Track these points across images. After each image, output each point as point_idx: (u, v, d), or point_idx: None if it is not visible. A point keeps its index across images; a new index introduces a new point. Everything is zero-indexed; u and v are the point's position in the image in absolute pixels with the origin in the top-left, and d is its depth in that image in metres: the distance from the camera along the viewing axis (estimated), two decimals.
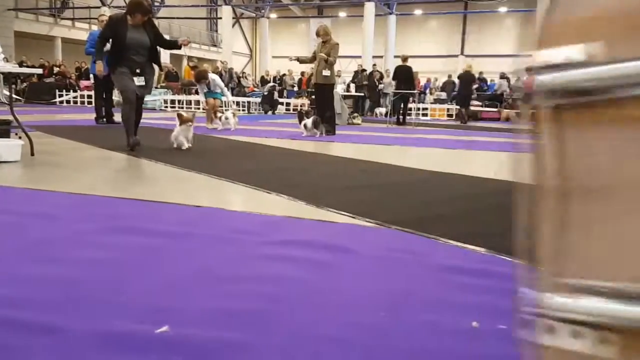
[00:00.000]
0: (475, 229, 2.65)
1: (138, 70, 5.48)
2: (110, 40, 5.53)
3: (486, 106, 16.84)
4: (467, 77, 14.38)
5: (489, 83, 20.12)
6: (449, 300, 1.73)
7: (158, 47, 5.80)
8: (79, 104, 18.85)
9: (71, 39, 25.94)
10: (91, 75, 11.74)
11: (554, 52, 0.64)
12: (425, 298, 1.75)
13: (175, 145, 5.73)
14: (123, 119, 5.54)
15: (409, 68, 12.93)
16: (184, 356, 1.30)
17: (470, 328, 1.51)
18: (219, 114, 9.68)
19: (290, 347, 1.37)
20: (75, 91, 19.55)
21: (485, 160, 6.23)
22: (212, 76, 9.99)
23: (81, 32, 24.83)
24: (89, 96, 16.89)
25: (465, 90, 14.62)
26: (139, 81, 5.48)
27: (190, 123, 5.69)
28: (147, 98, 18.10)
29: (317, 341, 1.41)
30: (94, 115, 9.86)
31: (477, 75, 16.69)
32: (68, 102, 18.95)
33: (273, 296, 1.70)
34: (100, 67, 5.72)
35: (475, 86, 15.59)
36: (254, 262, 2.06)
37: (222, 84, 10.11)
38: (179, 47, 6.05)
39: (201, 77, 9.84)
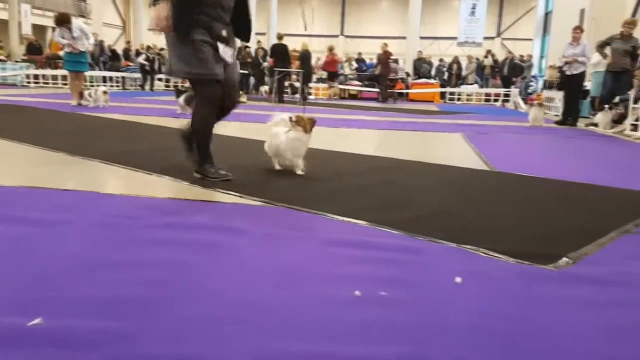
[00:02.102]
0: (359, 204, 2.76)
1: (224, 33, 3.04)
2: None
3: (365, 86, 17.45)
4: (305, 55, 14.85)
5: (367, 63, 20.83)
6: (333, 272, 1.80)
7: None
8: None
9: None
10: None
11: None
12: (311, 272, 1.80)
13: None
14: (197, 130, 3.19)
15: (285, 46, 13.15)
16: (59, 348, 1.22)
17: (354, 297, 1.59)
18: (86, 91, 8.92)
19: (176, 331, 1.34)
20: None
21: (364, 138, 6.48)
22: (78, 23, 8.99)
23: None
24: None
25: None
26: (225, 52, 3.06)
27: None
28: (6, 73, 16.42)
29: (205, 323, 1.39)
30: None
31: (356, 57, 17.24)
32: None
33: (155, 281, 1.64)
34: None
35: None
36: (134, 248, 1.97)
37: (88, 32, 9.11)
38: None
39: (63, 20, 8.66)
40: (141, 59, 16.99)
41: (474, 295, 1.64)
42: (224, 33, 3.04)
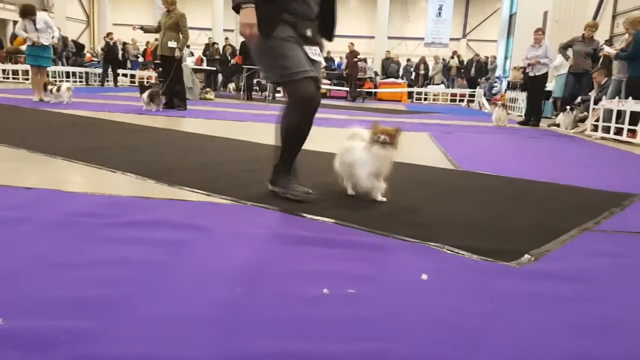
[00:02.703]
0: (325, 203, 2.76)
1: (309, 33, 2.77)
2: None
3: (334, 85, 17.49)
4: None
5: (336, 63, 20.88)
6: (300, 269, 1.79)
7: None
8: None
9: None
10: None
11: None
12: (279, 270, 1.79)
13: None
14: (288, 135, 2.79)
15: None
16: (19, 349, 1.19)
17: (322, 294, 1.59)
18: (49, 86, 8.69)
19: (140, 331, 1.31)
20: None
21: (332, 136, 6.49)
22: (43, 15, 8.76)
23: None
24: None
25: None
26: (313, 53, 2.78)
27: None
28: None
29: (169, 322, 1.37)
30: None
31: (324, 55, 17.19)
32: None
33: (118, 280, 1.61)
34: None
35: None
36: (95, 246, 1.92)
37: (53, 26, 8.90)
38: None
39: (28, 12, 8.42)
40: (99, 47, 16.52)
41: (439, 292, 1.66)
42: (309, 33, 2.75)
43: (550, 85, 11.27)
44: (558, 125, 9.01)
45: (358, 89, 16.60)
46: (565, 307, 1.60)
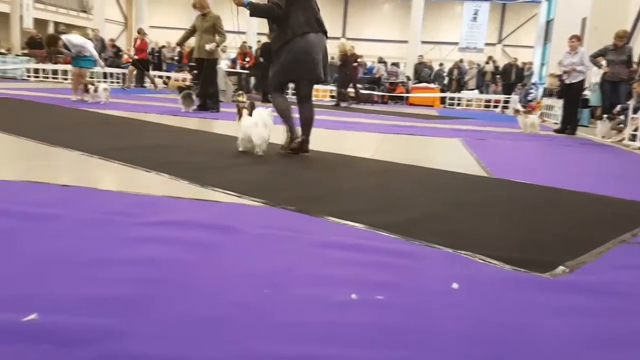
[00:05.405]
0: (355, 207, 2.75)
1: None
2: None
3: (366, 89, 17.43)
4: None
5: (368, 66, 20.82)
6: (328, 274, 1.78)
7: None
8: None
9: None
10: None
11: None
12: (307, 273, 1.79)
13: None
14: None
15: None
16: (53, 344, 1.21)
17: (349, 300, 1.58)
18: (89, 86, 8.93)
19: (167, 331, 1.33)
20: None
21: (363, 141, 6.47)
22: (70, 37, 8.99)
23: None
24: None
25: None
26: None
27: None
28: (6, 67, 16.39)
29: (196, 323, 1.38)
30: None
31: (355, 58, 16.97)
32: None
33: (149, 280, 1.63)
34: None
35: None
36: (126, 245, 1.95)
37: (87, 44, 9.16)
38: None
39: (50, 43, 8.81)
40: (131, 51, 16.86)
41: (469, 302, 1.63)
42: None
43: (588, 93, 10.99)
44: (603, 137, 8.74)
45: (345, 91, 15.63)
46: (598, 321, 1.55)
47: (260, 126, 4.15)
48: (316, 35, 4.24)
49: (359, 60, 16.04)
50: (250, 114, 4.26)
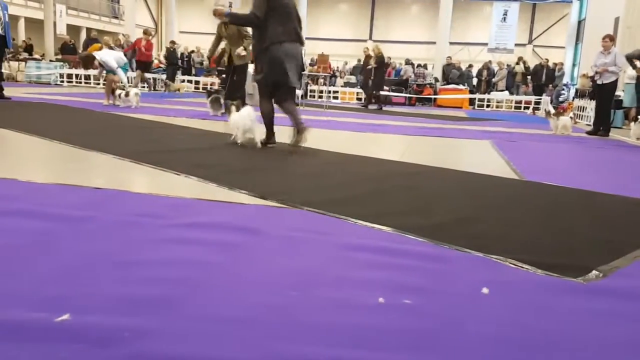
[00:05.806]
0: (382, 209, 2.74)
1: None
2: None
3: (393, 91, 17.36)
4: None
5: (396, 68, 20.71)
6: (355, 277, 1.78)
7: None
8: None
9: None
10: None
11: None
12: (334, 276, 1.78)
13: None
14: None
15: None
16: (85, 344, 1.24)
17: (377, 303, 1.57)
18: (118, 91, 9.13)
19: (195, 331, 1.34)
20: None
21: (391, 143, 6.44)
22: (101, 55, 9.35)
23: None
24: None
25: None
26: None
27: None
28: (41, 72, 16.88)
29: (224, 324, 1.39)
30: None
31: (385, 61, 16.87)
32: None
33: (178, 280, 1.65)
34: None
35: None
36: (158, 246, 1.99)
37: (120, 57, 9.49)
38: None
39: (86, 64, 9.41)
40: (162, 55, 17.14)
41: (500, 306, 1.61)
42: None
43: (621, 94, 10.71)
44: None
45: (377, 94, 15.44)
46: (635, 327, 1.50)
47: (246, 118, 4.85)
48: (291, 44, 4.65)
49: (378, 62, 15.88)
50: (237, 111, 5.00)
